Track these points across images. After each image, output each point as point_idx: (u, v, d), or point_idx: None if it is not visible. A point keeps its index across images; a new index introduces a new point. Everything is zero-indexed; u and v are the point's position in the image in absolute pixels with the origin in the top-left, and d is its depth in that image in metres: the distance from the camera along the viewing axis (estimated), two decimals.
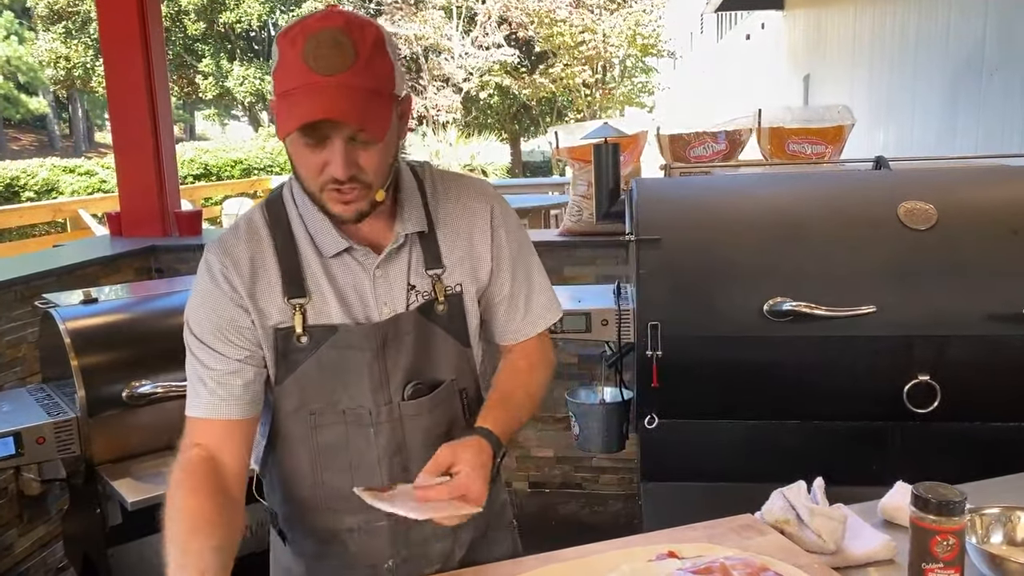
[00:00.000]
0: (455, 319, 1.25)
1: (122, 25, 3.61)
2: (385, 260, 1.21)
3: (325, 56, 1.05)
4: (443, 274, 1.24)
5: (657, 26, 20.60)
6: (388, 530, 1.25)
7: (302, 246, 1.20)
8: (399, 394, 1.21)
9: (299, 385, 1.20)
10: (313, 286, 1.19)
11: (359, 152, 1.09)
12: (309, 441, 1.22)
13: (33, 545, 2.83)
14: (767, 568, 1.04)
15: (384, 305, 1.21)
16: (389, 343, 1.20)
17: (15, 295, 2.80)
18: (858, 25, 9.55)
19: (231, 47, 22.96)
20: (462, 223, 1.27)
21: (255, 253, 1.19)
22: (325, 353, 1.19)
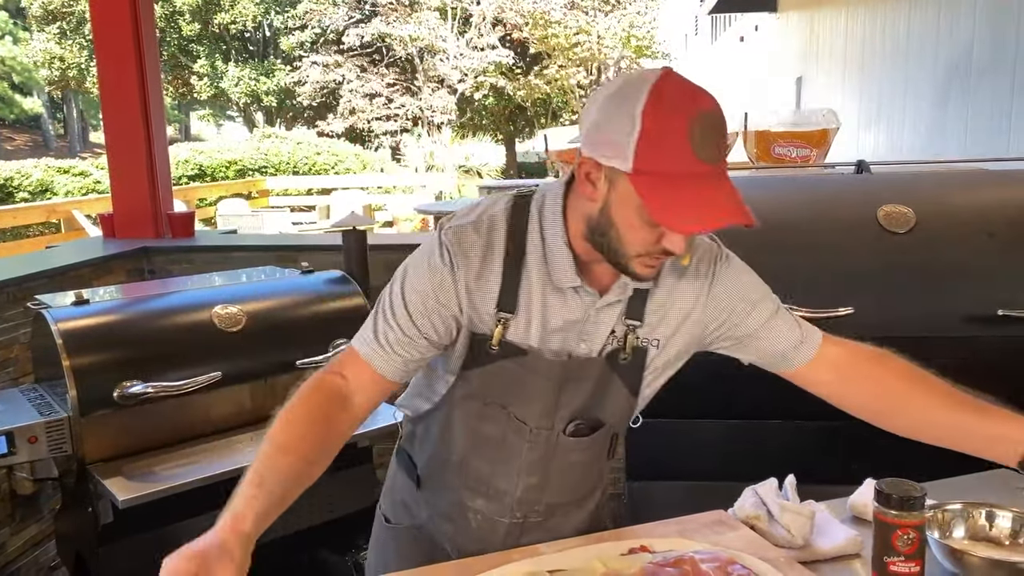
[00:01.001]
0: (634, 370, 1.26)
1: (115, 26, 3.63)
2: (607, 306, 1.21)
3: (712, 142, 1.04)
4: (639, 327, 1.24)
5: (651, 28, 20.67)
6: (505, 528, 1.30)
7: (530, 266, 1.20)
8: (561, 426, 1.25)
9: (480, 380, 1.24)
10: (523, 306, 1.20)
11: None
12: (472, 426, 1.27)
13: (25, 544, 2.85)
14: (735, 561, 1.08)
15: (583, 343, 1.22)
16: (569, 381, 1.23)
17: (7, 296, 2.82)
18: (850, 28, 9.62)
19: (226, 48, 22.97)
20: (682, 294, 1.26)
21: (487, 256, 1.19)
22: (509, 365, 1.21)
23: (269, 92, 22.19)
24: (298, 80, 21.40)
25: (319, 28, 21.41)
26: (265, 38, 23.94)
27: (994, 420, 1.18)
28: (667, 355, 1.29)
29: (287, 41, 22.15)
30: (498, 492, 1.29)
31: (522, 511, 1.30)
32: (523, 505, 1.30)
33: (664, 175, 1.02)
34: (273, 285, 2.73)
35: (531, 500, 1.29)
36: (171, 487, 2.11)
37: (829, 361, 1.31)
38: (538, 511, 1.31)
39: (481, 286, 1.19)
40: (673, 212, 1.02)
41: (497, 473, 1.28)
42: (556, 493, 1.30)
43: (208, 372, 2.30)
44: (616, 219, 1.10)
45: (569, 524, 1.34)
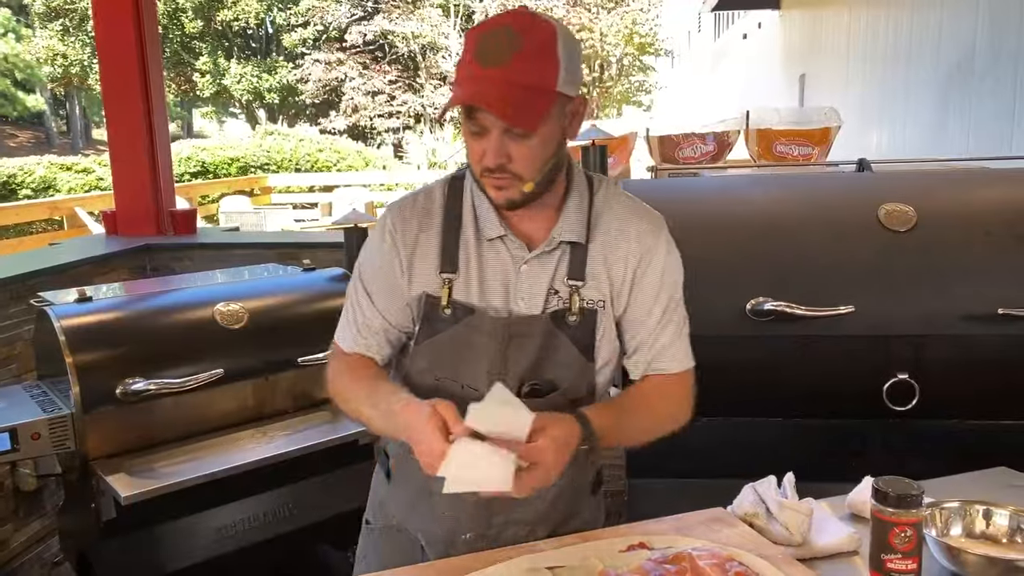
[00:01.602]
0: (584, 333, 1.28)
1: (117, 24, 3.64)
2: (534, 258, 1.27)
3: (490, 51, 1.15)
4: (582, 287, 1.27)
5: (654, 25, 20.66)
6: (473, 505, 1.30)
7: (466, 225, 1.29)
8: (514, 389, 1.25)
9: (432, 350, 1.29)
10: (464, 265, 1.27)
11: (512, 144, 1.17)
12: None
13: (29, 540, 2.87)
14: (732, 558, 1.08)
15: (521, 300, 1.27)
16: (514, 339, 1.26)
17: (10, 293, 2.83)
18: (853, 26, 9.60)
19: (228, 45, 22.98)
20: (619, 245, 1.30)
21: (423, 223, 1.30)
22: (460, 329, 1.26)
23: (271, 89, 22.20)
24: (300, 77, 21.41)
25: (321, 25, 21.40)
26: (267, 35, 23.95)
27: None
28: (611, 319, 1.31)
29: (289, 38, 22.15)
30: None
31: None
32: None
33: (456, 80, 1.18)
34: (275, 282, 2.74)
35: None
36: (174, 484, 2.12)
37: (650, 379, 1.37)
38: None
39: (422, 253, 1.29)
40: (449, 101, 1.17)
41: None
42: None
43: (210, 369, 2.31)
44: (464, 138, 1.24)
45: (541, 502, 1.31)
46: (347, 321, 1.35)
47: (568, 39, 1.18)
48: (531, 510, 1.32)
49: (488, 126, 1.16)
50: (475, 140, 1.19)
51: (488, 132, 1.17)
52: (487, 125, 1.16)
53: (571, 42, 1.19)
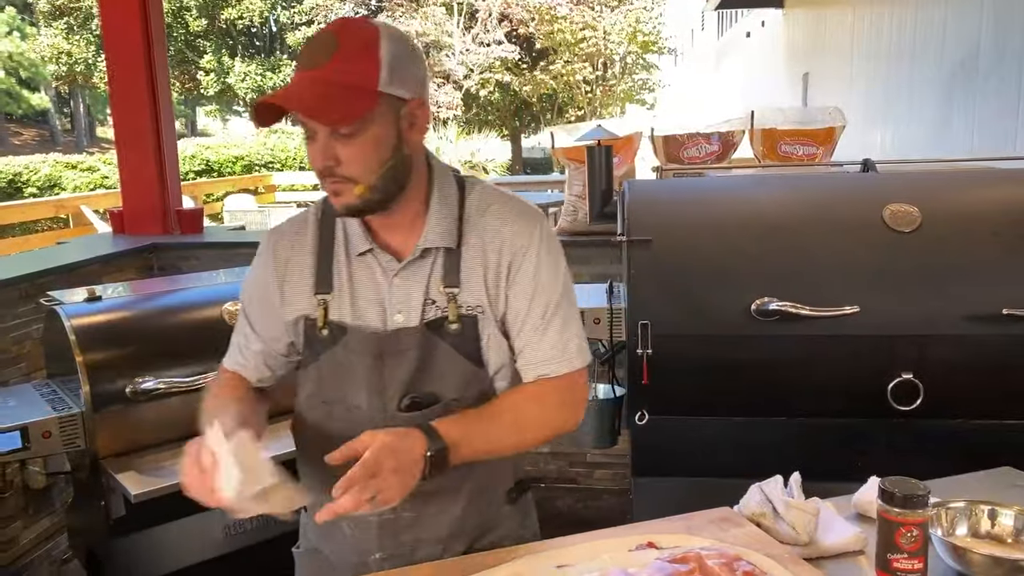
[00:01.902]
0: (468, 340, 1.25)
1: (124, 21, 3.65)
2: (404, 269, 1.25)
3: (308, 54, 1.15)
4: (458, 294, 1.24)
5: (658, 23, 20.63)
6: (376, 527, 1.30)
7: (338, 244, 1.28)
8: (394, 404, 1.23)
9: (318, 374, 1.28)
10: (338, 284, 1.27)
11: (339, 146, 1.15)
12: (322, 428, 1.29)
13: (38, 537, 2.89)
14: (740, 558, 1.09)
15: (398, 313, 1.24)
16: (388, 354, 1.23)
17: (19, 292, 2.85)
18: (857, 24, 9.59)
19: (232, 43, 23.00)
20: (492, 245, 1.26)
21: (296, 244, 1.30)
22: (339, 351, 1.25)
23: (275, 87, 22.21)
24: None
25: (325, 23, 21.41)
26: (271, 33, 23.97)
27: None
28: (495, 319, 1.27)
29: (293, 37, 22.16)
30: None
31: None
32: None
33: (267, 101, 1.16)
34: None
35: None
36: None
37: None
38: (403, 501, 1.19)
39: (296, 276, 1.29)
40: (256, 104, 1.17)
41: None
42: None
43: (218, 368, 2.32)
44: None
45: (447, 516, 1.29)
46: (232, 342, 1.40)
47: (395, 41, 1.16)
48: (440, 526, 1.29)
49: (315, 129, 1.16)
50: (309, 145, 1.19)
51: (316, 136, 1.16)
52: (313, 128, 1.16)
53: (399, 44, 1.16)
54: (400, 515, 1.28)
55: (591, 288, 2.83)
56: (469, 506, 1.31)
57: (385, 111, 1.16)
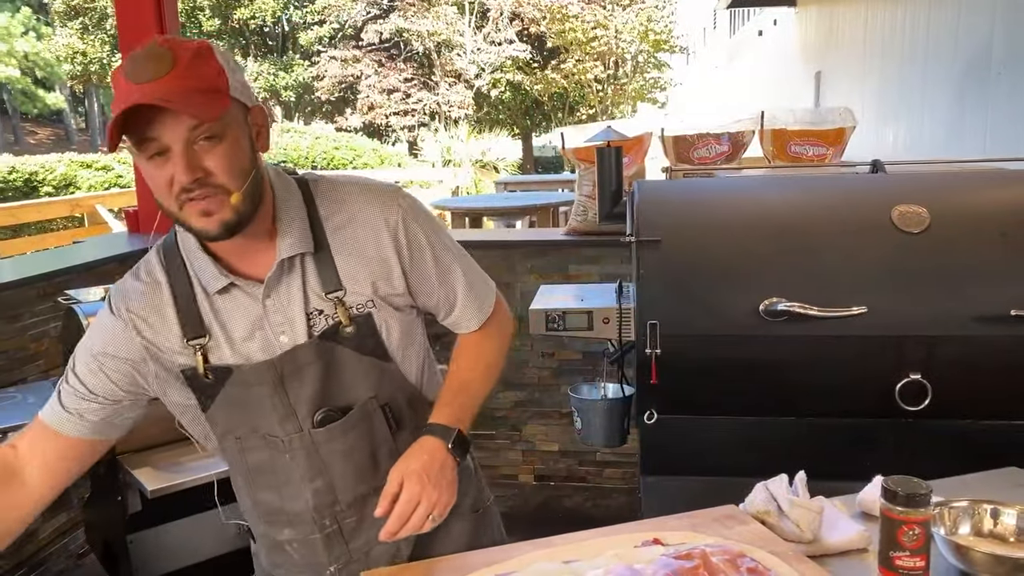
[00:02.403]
0: (367, 338, 1.22)
1: (139, 21, 3.69)
2: (272, 289, 1.19)
3: (142, 68, 1.05)
4: (344, 295, 1.20)
5: (669, 22, 20.59)
6: (322, 542, 1.28)
7: (195, 287, 1.20)
8: (308, 422, 1.21)
9: (219, 415, 1.23)
10: (209, 326, 1.20)
11: (203, 154, 1.07)
12: (240, 462, 1.27)
13: (55, 532, 2.93)
14: (744, 555, 1.11)
15: (282, 335, 1.19)
16: (288, 377, 1.20)
17: (37, 291, 2.90)
18: (869, 22, 9.55)
19: (245, 43, 23.12)
20: (361, 234, 1.23)
21: (153, 298, 1.21)
22: (230, 390, 1.20)
23: (288, 87, 22.33)
24: (316, 75, 21.53)
25: (337, 23, 21.51)
26: (284, 33, 24.07)
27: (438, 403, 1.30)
28: (394, 310, 1.26)
29: (306, 36, 22.27)
30: (295, 514, 1.27)
31: (328, 518, 1.27)
32: (323, 512, 1.27)
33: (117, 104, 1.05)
34: None
35: (327, 503, 1.26)
36: (198, 477, 2.18)
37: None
38: (343, 511, 1.27)
39: (160, 326, 1.20)
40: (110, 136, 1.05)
41: (285, 496, 1.26)
42: (348, 487, 1.26)
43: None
44: (147, 180, 1.11)
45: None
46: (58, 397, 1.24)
47: (222, 52, 1.13)
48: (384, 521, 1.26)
49: (168, 143, 1.06)
50: (158, 168, 1.07)
51: (169, 151, 1.06)
52: (166, 143, 1.06)
53: (226, 54, 1.13)
54: (342, 523, 1.27)
55: (600, 288, 2.85)
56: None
57: (237, 116, 1.12)
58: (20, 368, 2.80)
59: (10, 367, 2.76)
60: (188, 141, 1.06)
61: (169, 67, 1.05)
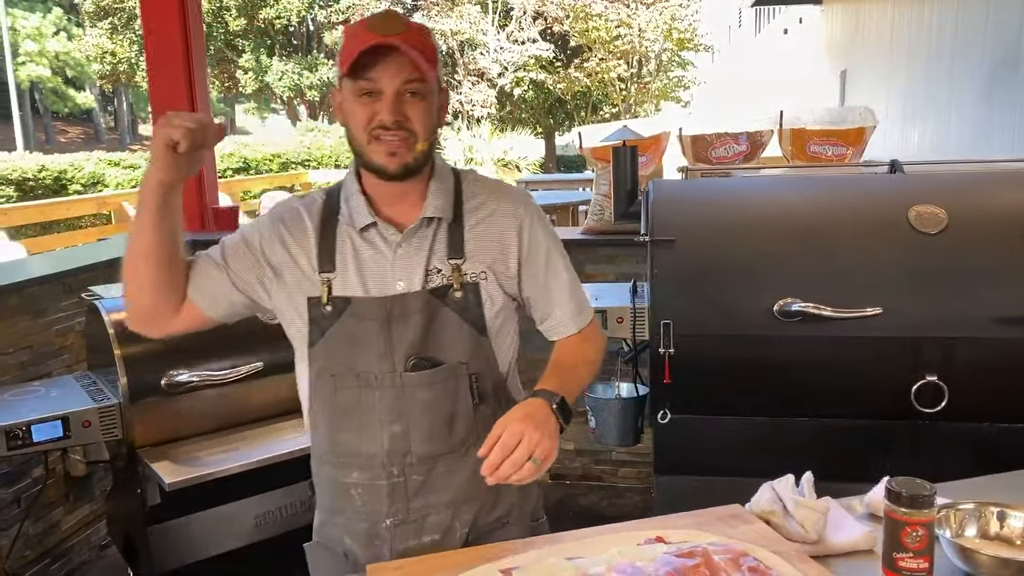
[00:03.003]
0: (471, 307, 1.34)
1: (164, 26, 3.75)
2: (406, 239, 1.34)
3: (382, 23, 1.25)
4: (463, 263, 1.34)
5: (693, 20, 20.47)
6: (386, 490, 1.35)
7: (342, 223, 1.36)
8: (402, 364, 1.32)
9: (325, 349, 1.34)
10: (341, 261, 1.34)
11: (407, 104, 1.26)
12: (330, 401, 1.35)
13: (78, 524, 2.99)
14: (747, 554, 1.12)
15: (400, 281, 1.33)
16: (395, 317, 1.32)
17: (63, 287, 2.95)
18: (896, 20, 9.44)
19: (271, 43, 23.32)
20: (492, 219, 1.39)
21: (305, 223, 1.37)
22: (345, 321, 1.32)
23: (312, 86, 22.50)
24: None
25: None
26: (309, 33, 24.26)
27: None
28: (500, 292, 1.38)
29: (331, 35, 22.42)
30: (369, 456, 1.34)
31: (397, 467, 1.34)
32: (394, 459, 1.34)
33: (350, 53, 1.24)
34: None
35: (400, 451, 1.34)
36: (215, 471, 2.21)
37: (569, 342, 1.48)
38: (412, 464, 1.34)
39: (301, 248, 1.36)
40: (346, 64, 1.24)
41: (364, 438, 1.34)
42: (423, 440, 1.33)
43: (250, 362, 2.39)
44: (348, 116, 1.30)
45: (456, 480, 1.36)
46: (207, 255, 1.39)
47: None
48: (448, 489, 1.37)
49: (383, 87, 1.25)
50: (365, 103, 1.26)
51: (382, 93, 1.25)
52: (382, 86, 1.25)
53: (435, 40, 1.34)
54: (409, 478, 1.35)
55: (615, 287, 2.85)
56: (476, 471, 1.29)
57: (434, 87, 1.30)
58: (45, 362, 2.86)
59: (36, 361, 2.82)
60: (399, 91, 1.25)
61: (404, 29, 1.25)
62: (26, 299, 2.81)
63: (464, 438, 1.36)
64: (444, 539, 1.37)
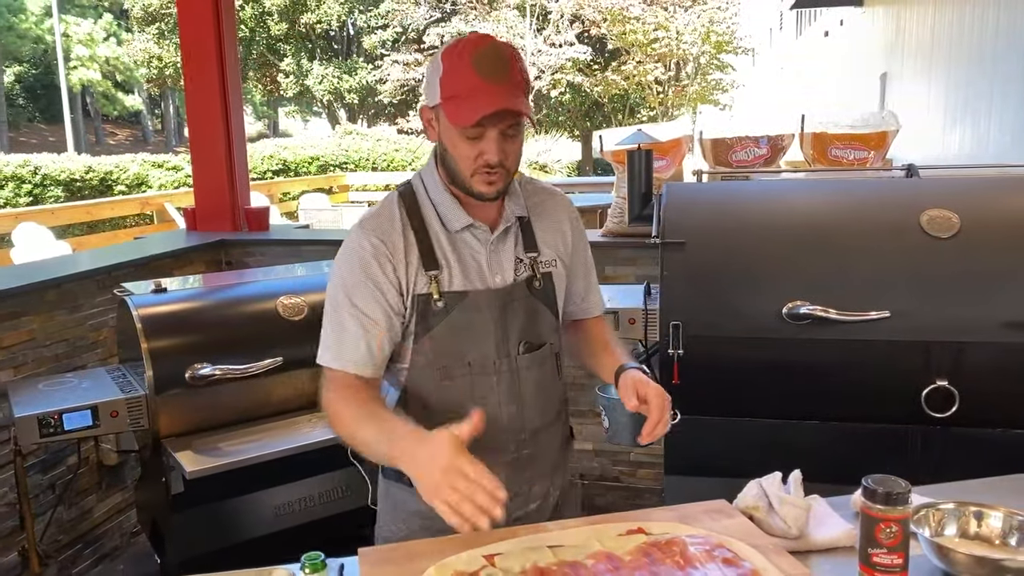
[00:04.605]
0: (548, 293, 1.51)
1: (199, 35, 3.87)
2: (497, 237, 1.46)
3: (491, 65, 1.32)
4: (537, 256, 1.51)
5: (732, 23, 20.29)
6: (506, 466, 1.43)
7: (432, 225, 1.44)
8: (516, 349, 1.46)
9: (433, 343, 1.43)
10: (443, 259, 1.43)
11: (507, 142, 1.36)
12: (438, 391, 1.44)
13: (110, 511, 3.11)
14: (723, 545, 1.15)
15: (496, 275, 1.45)
16: (508, 306, 1.45)
17: (98, 284, 3.08)
18: (937, 22, 9.28)
19: (311, 47, 23.67)
20: (551, 213, 1.56)
21: (397, 234, 1.43)
22: (456, 315, 1.42)
23: (351, 90, 22.79)
24: (379, 78, 21.92)
25: (400, 27, 21.86)
26: (348, 37, 24.59)
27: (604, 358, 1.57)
28: (564, 276, 1.56)
29: (369, 40, 22.70)
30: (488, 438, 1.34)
31: (513, 443, 1.47)
32: (510, 436, 1.47)
33: (457, 95, 1.33)
34: None
35: (516, 429, 1.47)
36: (235, 462, 2.29)
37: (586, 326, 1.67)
38: (524, 440, 1.48)
39: (404, 258, 1.42)
40: (459, 114, 1.32)
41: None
42: (533, 415, 1.49)
43: (271, 357, 2.47)
44: (447, 144, 1.39)
45: (551, 449, 1.54)
46: (334, 342, 1.41)
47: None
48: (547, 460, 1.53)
49: (487, 129, 1.33)
50: (471, 143, 1.35)
51: (485, 135, 1.34)
52: (487, 129, 1.33)
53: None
54: (521, 453, 1.48)
55: (629, 289, 2.88)
56: (560, 439, 1.58)
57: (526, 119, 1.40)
58: (80, 355, 2.98)
59: (71, 354, 2.95)
60: (502, 131, 1.34)
61: (508, 66, 1.33)
62: (64, 294, 2.94)
63: (558, 409, 1.56)
64: (542, 504, 1.53)
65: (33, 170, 11.95)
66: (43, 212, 8.16)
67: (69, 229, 9.29)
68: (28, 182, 11.89)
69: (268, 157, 14.28)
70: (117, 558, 3.11)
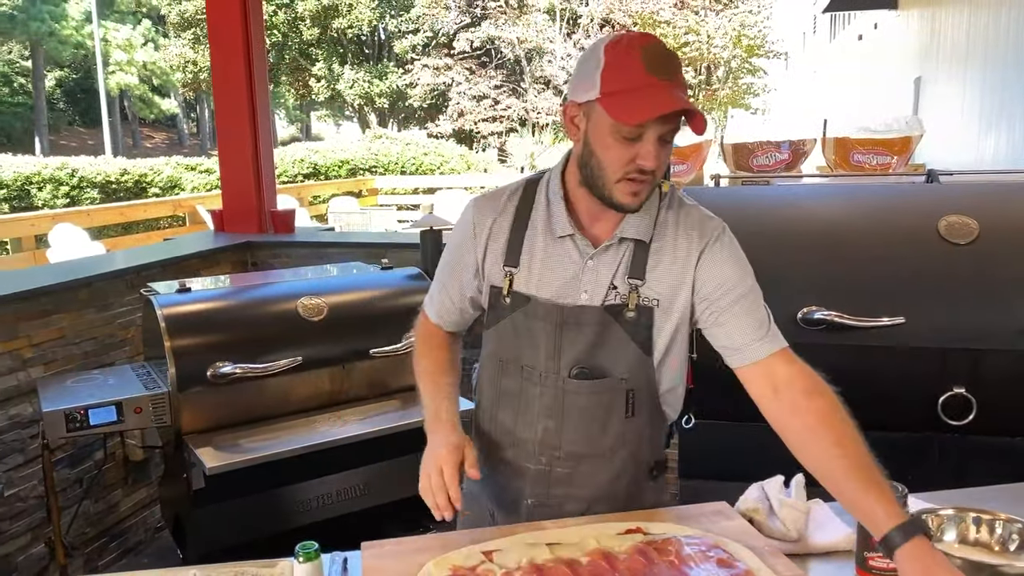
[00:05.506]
0: (641, 328, 1.35)
1: (228, 43, 3.96)
2: (599, 254, 1.36)
3: (662, 62, 1.22)
4: (641, 286, 1.35)
5: (764, 27, 20.13)
6: (533, 473, 1.43)
7: (534, 223, 1.40)
8: (566, 371, 1.37)
9: (497, 335, 1.43)
10: (526, 259, 1.39)
11: (662, 149, 1.25)
12: (496, 381, 1.46)
13: (135, 505, 3.18)
14: (718, 546, 1.16)
15: (584, 292, 1.36)
16: (568, 325, 1.36)
17: (126, 284, 3.15)
18: (972, 25, 9.13)
19: (343, 51, 23.93)
20: (679, 246, 1.36)
21: (497, 221, 1.43)
22: (518, 317, 1.40)
23: (382, 94, 23.00)
24: (410, 82, 22.10)
25: (431, 32, 22.02)
26: (379, 42, 24.82)
27: (871, 499, 1.16)
28: (671, 319, 1.36)
29: (400, 45, 22.90)
30: (521, 440, 1.43)
31: (545, 456, 1.40)
32: (544, 449, 1.40)
33: (623, 90, 1.22)
34: (354, 279, 2.95)
35: (551, 444, 1.40)
36: (255, 458, 2.34)
37: (770, 376, 1.36)
38: (559, 458, 1.40)
39: (492, 247, 1.42)
40: (628, 111, 1.20)
41: (519, 423, 1.42)
42: (573, 440, 1.39)
43: (291, 356, 2.52)
44: (595, 145, 1.27)
45: (598, 478, 1.40)
46: (432, 292, 1.55)
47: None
48: (589, 486, 1.40)
49: (647, 133, 1.22)
50: (627, 144, 1.23)
51: (644, 136, 1.22)
52: (646, 132, 1.22)
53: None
54: (554, 469, 1.41)
55: None
56: (619, 474, 1.41)
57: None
58: (108, 353, 3.06)
59: (100, 351, 3.02)
60: (662, 135, 1.24)
61: (678, 66, 1.25)
62: (94, 293, 3.02)
63: (612, 445, 1.39)
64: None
65: (70, 172, 12.24)
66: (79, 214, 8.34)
67: (104, 230, 9.49)
68: (65, 184, 12.18)
69: (299, 160, 14.45)
70: (141, 552, 3.18)
